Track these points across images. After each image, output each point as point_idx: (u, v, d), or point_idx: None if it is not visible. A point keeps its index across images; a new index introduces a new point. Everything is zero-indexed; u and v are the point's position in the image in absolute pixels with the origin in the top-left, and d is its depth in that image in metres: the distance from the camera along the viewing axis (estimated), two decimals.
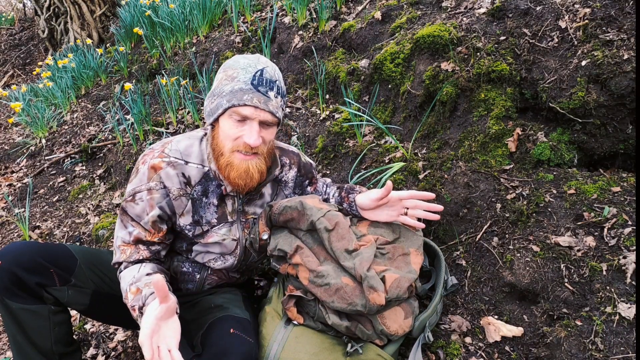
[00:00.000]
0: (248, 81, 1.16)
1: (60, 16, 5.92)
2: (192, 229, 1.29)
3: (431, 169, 1.73)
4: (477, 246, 1.53)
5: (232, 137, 1.18)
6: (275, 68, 1.24)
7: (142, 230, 1.22)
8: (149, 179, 1.22)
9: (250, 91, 1.16)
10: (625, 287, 1.21)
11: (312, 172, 1.51)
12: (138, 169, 1.24)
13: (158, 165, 1.22)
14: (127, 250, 1.22)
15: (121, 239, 1.24)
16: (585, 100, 1.53)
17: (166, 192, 1.23)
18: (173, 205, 1.25)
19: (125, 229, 1.24)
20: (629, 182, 1.43)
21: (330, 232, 1.26)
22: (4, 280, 1.15)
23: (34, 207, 2.99)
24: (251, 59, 1.21)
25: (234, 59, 1.23)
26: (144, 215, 1.22)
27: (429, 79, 1.87)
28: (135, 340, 1.77)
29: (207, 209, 1.29)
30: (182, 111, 3.10)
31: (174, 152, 1.25)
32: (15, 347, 1.23)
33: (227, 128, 1.19)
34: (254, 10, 3.44)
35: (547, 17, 1.73)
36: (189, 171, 1.25)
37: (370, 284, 1.14)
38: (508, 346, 1.30)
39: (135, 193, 1.22)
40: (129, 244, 1.23)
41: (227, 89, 1.18)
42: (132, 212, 1.22)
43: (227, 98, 1.17)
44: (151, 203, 1.21)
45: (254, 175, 1.21)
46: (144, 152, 1.27)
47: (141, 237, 1.22)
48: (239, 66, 1.20)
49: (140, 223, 1.22)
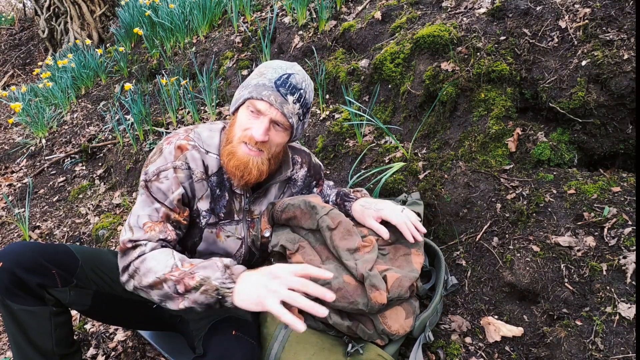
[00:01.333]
0: (273, 79, 1.20)
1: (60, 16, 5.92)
2: (207, 216, 1.29)
3: (431, 169, 1.74)
4: (477, 246, 1.53)
5: (243, 127, 1.21)
6: (306, 79, 1.25)
7: (167, 209, 1.20)
8: (175, 157, 1.22)
9: (270, 88, 1.19)
10: (625, 287, 1.21)
11: (320, 173, 1.54)
12: (162, 149, 1.24)
13: (185, 146, 1.23)
14: (156, 228, 1.17)
15: (147, 216, 1.18)
16: (585, 100, 1.53)
17: (190, 173, 1.23)
18: (195, 187, 1.25)
19: (151, 205, 1.19)
20: (629, 182, 1.43)
21: (332, 231, 1.26)
22: (5, 281, 1.15)
23: (34, 207, 2.99)
24: (286, 64, 1.25)
25: (273, 61, 1.27)
26: (169, 193, 1.20)
27: (429, 79, 1.87)
28: (135, 340, 1.77)
29: (219, 201, 1.30)
30: (182, 111, 3.10)
31: (197, 139, 1.27)
32: (16, 348, 1.23)
33: (242, 118, 1.22)
34: (254, 10, 3.44)
35: (547, 17, 1.73)
36: (208, 160, 1.27)
37: (372, 282, 1.14)
38: (508, 346, 1.31)
39: (160, 172, 1.21)
40: (157, 222, 1.18)
41: (252, 83, 1.22)
42: (156, 191, 1.20)
43: (249, 90, 1.20)
44: (177, 181, 1.21)
45: (252, 171, 1.22)
46: (167, 136, 1.27)
47: (170, 215, 1.20)
48: (271, 66, 1.24)
49: (165, 203, 1.20)
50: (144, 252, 1.13)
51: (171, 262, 1.09)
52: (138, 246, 1.15)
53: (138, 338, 1.77)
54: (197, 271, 1.05)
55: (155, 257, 1.11)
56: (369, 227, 1.34)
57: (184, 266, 1.07)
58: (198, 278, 1.04)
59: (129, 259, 1.14)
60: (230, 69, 3.08)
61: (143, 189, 1.22)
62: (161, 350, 1.59)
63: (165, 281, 1.06)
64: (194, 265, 1.08)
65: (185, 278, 1.05)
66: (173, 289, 1.06)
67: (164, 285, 1.07)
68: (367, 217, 1.35)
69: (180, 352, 1.52)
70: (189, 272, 1.05)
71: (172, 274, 1.06)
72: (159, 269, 1.08)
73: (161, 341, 1.61)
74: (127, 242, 1.16)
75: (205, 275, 1.04)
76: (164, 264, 1.08)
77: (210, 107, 2.86)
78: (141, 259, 1.12)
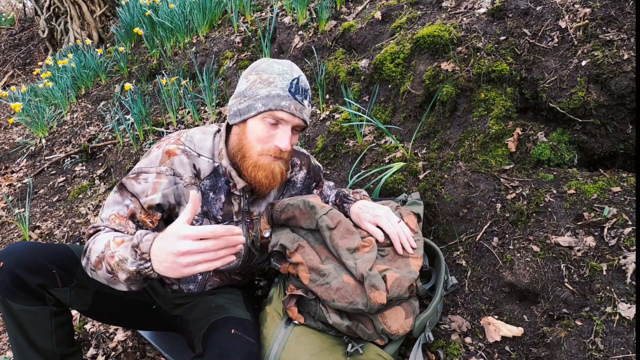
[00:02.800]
0: (286, 88, 1.20)
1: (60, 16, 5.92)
2: (200, 220, 1.29)
3: (431, 169, 1.74)
4: (477, 246, 1.53)
5: (263, 139, 1.20)
6: (304, 76, 1.28)
7: (138, 208, 1.19)
8: (160, 162, 1.21)
9: (288, 98, 1.19)
10: (625, 287, 1.21)
11: (319, 175, 1.55)
12: (151, 152, 1.24)
13: (173, 151, 1.23)
14: (117, 221, 1.16)
15: (116, 211, 1.17)
16: (585, 100, 1.53)
17: (175, 180, 1.22)
18: (182, 193, 1.23)
19: (121, 203, 1.18)
20: (629, 182, 1.43)
21: (332, 230, 1.26)
22: (6, 281, 1.15)
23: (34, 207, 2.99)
24: (285, 65, 1.24)
25: (267, 63, 1.25)
26: (142, 195, 1.19)
27: (429, 79, 1.87)
28: (135, 340, 1.77)
29: (213, 205, 1.30)
30: (182, 111, 3.10)
31: (188, 142, 1.27)
32: (16, 348, 1.23)
33: (259, 130, 1.20)
34: (254, 10, 3.44)
35: (547, 17, 1.73)
36: (200, 164, 1.26)
37: (371, 282, 1.14)
38: (508, 346, 1.31)
39: (140, 172, 1.20)
40: (122, 217, 1.17)
41: (262, 93, 1.20)
42: (131, 189, 1.19)
43: (263, 102, 1.19)
44: (155, 187, 1.19)
45: (277, 176, 1.24)
46: (160, 139, 1.28)
47: (136, 213, 1.18)
48: (274, 71, 1.22)
49: (134, 201, 1.18)
50: (99, 234, 1.11)
51: (107, 238, 1.05)
52: (98, 231, 1.14)
53: (138, 338, 1.77)
54: (118, 250, 1.01)
55: (102, 238, 1.08)
56: (364, 230, 1.34)
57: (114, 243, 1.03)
58: (117, 258, 1.00)
59: (86, 243, 1.13)
60: (230, 69, 3.08)
61: (119, 186, 1.21)
62: (161, 350, 1.59)
63: (103, 259, 1.03)
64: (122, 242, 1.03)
65: (107, 257, 1.02)
66: (106, 268, 1.03)
67: (102, 264, 1.04)
68: (363, 220, 1.35)
69: (180, 352, 1.52)
70: (112, 251, 1.02)
71: (104, 251, 1.03)
72: (100, 247, 1.05)
73: (161, 341, 1.61)
74: (90, 229, 1.16)
75: (123, 256, 1.00)
76: (105, 242, 1.05)
77: (210, 107, 2.86)
78: (93, 240, 1.10)
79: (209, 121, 2.88)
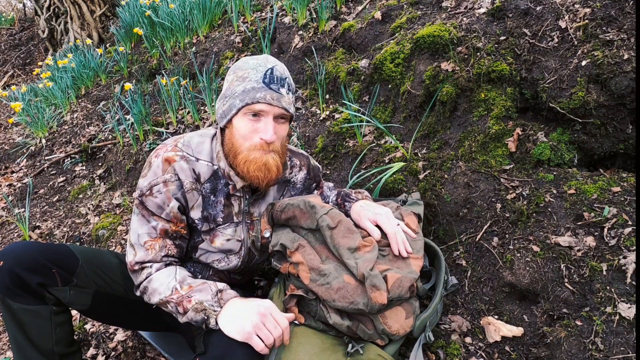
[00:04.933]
0: (260, 80, 1.20)
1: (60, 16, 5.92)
2: (200, 224, 1.30)
3: (431, 169, 1.74)
4: (477, 246, 1.53)
5: (247, 135, 1.21)
6: (283, 66, 1.27)
7: (165, 223, 1.23)
8: (163, 171, 1.22)
9: (262, 89, 1.19)
10: (625, 287, 1.21)
11: (319, 175, 1.55)
12: (151, 162, 1.25)
13: (172, 158, 1.23)
14: (156, 246, 1.23)
15: (147, 234, 1.23)
16: (585, 100, 1.53)
17: (180, 184, 1.24)
18: (186, 197, 1.26)
19: (148, 224, 1.23)
20: (629, 182, 1.43)
21: (332, 230, 1.26)
22: (6, 280, 1.15)
23: (34, 207, 2.99)
24: (260, 59, 1.24)
25: (243, 61, 1.26)
26: (165, 206, 1.22)
27: (429, 79, 1.87)
28: (135, 340, 1.77)
29: (214, 207, 1.30)
30: (182, 111, 3.10)
31: (186, 147, 1.27)
32: (16, 347, 1.23)
33: (242, 127, 1.21)
34: (254, 10, 3.44)
35: (547, 17, 1.73)
36: (199, 168, 1.27)
37: (372, 282, 1.14)
38: (508, 346, 1.31)
39: (152, 186, 1.22)
40: (156, 239, 1.23)
41: (239, 90, 1.21)
42: (152, 206, 1.22)
43: (240, 98, 1.20)
44: (168, 195, 1.22)
45: (272, 168, 1.23)
46: (157, 147, 1.29)
47: (167, 229, 1.23)
48: (248, 67, 1.22)
49: (161, 216, 1.23)
50: (151, 274, 1.22)
51: (172, 284, 1.17)
52: (144, 268, 1.23)
53: (138, 338, 1.77)
54: (194, 295, 1.13)
55: (159, 278, 1.20)
56: (363, 227, 1.34)
57: (182, 289, 1.16)
58: (194, 302, 1.12)
59: (138, 280, 1.23)
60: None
61: (139, 205, 1.24)
62: (161, 350, 1.59)
63: (169, 302, 1.16)
64: (192, 287, 1.15)
65: (184, 301, 1.14)
66: (175, 309, 1.16)
67: (168, 305, 1.17)
68: (363, 218, 1.35)
69: (180, 352, 1.52)
70: (187, 295, 1.14)
71: (172, 296, 1.15)
72: (162, 291, 1.17)
73: (161, 341, 1.61)
74: (134, 264, 1.23)
75: (199, 299, 1.12)
76: (166, 286, 1.17)
77: (210, 107, 2.86)
78: (148, 279, 1.21)
79: (209, 121, 2.88)
